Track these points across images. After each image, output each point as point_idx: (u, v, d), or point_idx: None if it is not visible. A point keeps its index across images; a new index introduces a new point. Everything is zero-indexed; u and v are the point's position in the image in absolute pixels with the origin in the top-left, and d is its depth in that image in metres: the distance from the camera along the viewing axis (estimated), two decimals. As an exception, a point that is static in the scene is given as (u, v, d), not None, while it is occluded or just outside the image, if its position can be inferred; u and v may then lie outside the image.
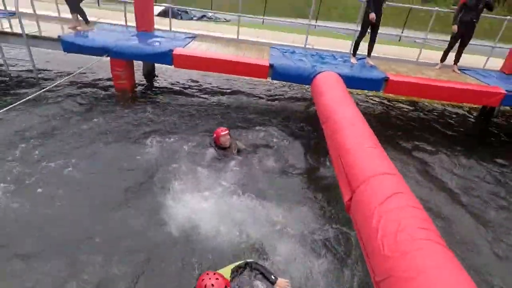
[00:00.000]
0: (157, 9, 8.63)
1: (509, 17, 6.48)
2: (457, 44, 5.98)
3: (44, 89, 4.18)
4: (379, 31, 5.56)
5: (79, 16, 6.14)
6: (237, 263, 2.14)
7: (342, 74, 5.16)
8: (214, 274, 1.89)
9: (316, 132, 5.06)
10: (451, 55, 6.21)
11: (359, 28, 5.71)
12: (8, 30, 5.57)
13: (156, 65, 7.00)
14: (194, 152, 4.26)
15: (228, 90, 6.61)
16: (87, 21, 6.27)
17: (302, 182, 3.99)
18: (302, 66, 5.26)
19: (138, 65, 6.52)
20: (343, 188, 3.03)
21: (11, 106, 3.53)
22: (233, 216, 3.26)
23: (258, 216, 3.32)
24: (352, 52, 6.01)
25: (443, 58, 6.29)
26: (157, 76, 6.96)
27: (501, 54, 6.86)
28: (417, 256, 1.96)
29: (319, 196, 3.76)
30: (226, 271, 2.16)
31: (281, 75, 5.26)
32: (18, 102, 3.71)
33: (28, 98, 3.81)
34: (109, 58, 5.34)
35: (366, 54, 5.92)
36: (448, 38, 6.09)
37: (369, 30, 5.57)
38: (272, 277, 2.29)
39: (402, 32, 11.10)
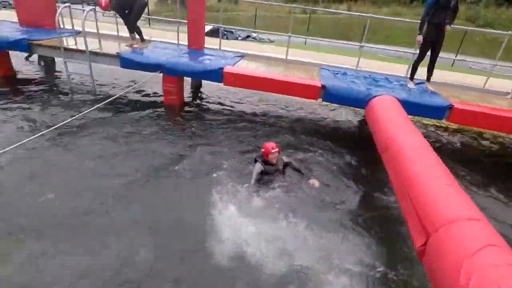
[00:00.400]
0: (205, 28, 8.93)
1: None
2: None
3: (102, 103, 4.32)
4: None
5: (136, 34, 6.45)
6: None
7: (400, 99, 4.80)
8: None
9: (371, 158, 4.71)
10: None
11: (417, 51, 5.36)
12: (74, 47, 5.95)
13: (204, 81, 7.10)
14: (238, 167, 4.12)
15: (275, 108, 6.47)
16: (143, 39, 6.58)
17: (357, 212, 3.61)
18: (355, 88, 4.98)
19: (186, 80, 6.64)
20: (413, 230, 2.64)
21: (71, 119, 3.66)
22: (278, 240, 3.00)
23: (307, 244, 3.04)
24: (409, 76, 5.63)
25: (515, 86, 5.68)
26: (203, 93, 7.03)
27: None
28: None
29: (378, 230, 3.36)
30: None
31: (333, 97, 5.02)
32: (76, 116, 3.85)
33: (87, 111, 3.93)
34: (161, 74, 5.47)
35: (425, 79, 5.51)
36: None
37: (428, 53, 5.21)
38: None
39: (456, 56, 10.40)
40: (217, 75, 5.22)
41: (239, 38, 12.59)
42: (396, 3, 24.70)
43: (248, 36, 12.94)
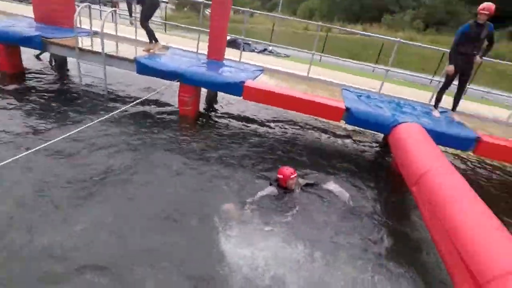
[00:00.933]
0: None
1: None
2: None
3: (117, 111, 4.10)
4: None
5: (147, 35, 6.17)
6: None
7: (426, 127, 4.59)
8: None
9: (395, 187, 4.47)
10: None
11: (443, 79, 5.22)
12: (89, 48, 5.77)
13: (218, 93, 6.91)
14: (250, 188, 3.82)
15: (292, 126, 6.26)
16: (155, 40, 6.22)
17: (381, 245, 3.33)
18: (381, 114, 4.78)
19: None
20: (457, 277, 2.38)
21: (82, 127, 3.43)
22: (297, 273, 2.74)
23: (330, 281, 2.77)
24: (434, 104, 5.44)
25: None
26: (218, 105, 6.83)
27: None
28: None
29: (408, 269, 3.04)
30: None
31: (357, 120, 4.81)
32: (89, 124, 3.60)
33: (100, 119, 3.70)
34: (178, 83, 5.28)
35: (451, 108, 5.34)
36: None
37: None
38: None
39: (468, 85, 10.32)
40: (237, 88, 5.02)
41: (256, 50, 12.53)
42: (411, 29, 24.96)
43: (264, 49, 12.88)
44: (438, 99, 5.36)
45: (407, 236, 3.61)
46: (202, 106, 6.43)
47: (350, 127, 6.52)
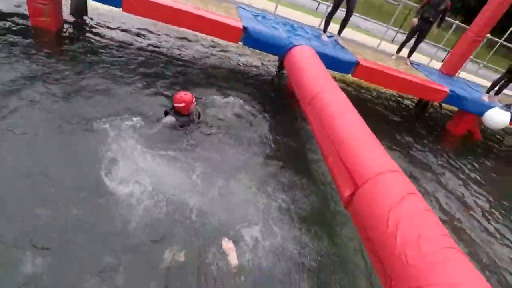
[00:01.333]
0: None
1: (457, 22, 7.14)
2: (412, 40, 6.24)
3: None
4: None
5: None
6: None
7: (317, 50, 4.83)
8: None
9: (288, 106, 4.77)
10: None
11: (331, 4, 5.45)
12: None
13: (89, 1, 5.45)
14: (146, 119, 3.43)
15: (183, 42, 5.65)
16: None
17: (281, 164, 3.59)
18: (277, 35, 4.71)
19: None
20: (341, 180, 2.80)
21: None
22: (198, 196, 2.79)
23: (232, 195, 2.94)
24: (323, 28, 5.69)
25: (399, 50, 6.51)
26: (88, 18, 5.42)
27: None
28: (447, 268, 1.88)
29: (300, 180, 3.45)
30: None
31: (254, 42, 4.61)
32: None
33: None
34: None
35: (337, 32, 5.71)
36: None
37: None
38: None
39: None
40: (114, -5, 3.99)
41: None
42: None
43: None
44: (327, 24, 5.61)
45: (298, 148, 4.04)
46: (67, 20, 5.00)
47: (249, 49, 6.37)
